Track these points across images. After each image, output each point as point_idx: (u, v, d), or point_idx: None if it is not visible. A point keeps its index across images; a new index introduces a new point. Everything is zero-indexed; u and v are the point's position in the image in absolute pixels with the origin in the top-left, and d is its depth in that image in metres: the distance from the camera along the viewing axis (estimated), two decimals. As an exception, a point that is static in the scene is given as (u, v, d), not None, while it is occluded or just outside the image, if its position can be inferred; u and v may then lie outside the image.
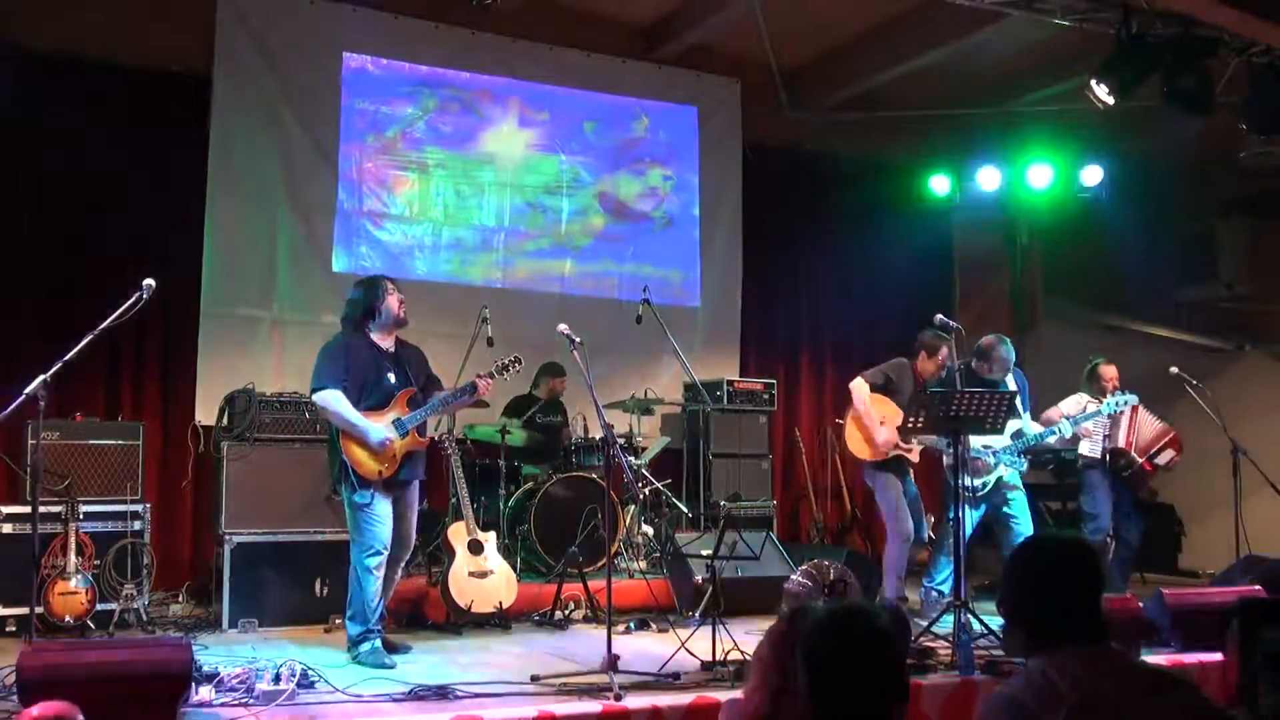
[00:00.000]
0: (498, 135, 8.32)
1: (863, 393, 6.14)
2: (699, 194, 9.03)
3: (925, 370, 6.22)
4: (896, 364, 6.29)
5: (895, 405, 6.10)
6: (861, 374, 6.25)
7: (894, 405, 6.11)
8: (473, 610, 5.65)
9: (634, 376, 7.92)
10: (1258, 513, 6.69)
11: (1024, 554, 2.36)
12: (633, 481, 6.20)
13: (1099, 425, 6.71)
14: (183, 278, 6.99)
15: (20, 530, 5.48)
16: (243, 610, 5.72)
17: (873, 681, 1.80)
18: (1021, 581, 2.28)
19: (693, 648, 4.69)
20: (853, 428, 6.21)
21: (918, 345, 6.27)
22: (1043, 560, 2.29)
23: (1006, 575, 2.35)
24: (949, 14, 7.28)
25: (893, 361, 6.31)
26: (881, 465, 6.13)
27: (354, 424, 4.88)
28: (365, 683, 4.26)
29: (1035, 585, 2.24)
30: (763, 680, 1.84)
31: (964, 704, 4.30)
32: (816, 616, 1.83)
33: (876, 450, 6.10)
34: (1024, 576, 2.29)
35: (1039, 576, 2.25)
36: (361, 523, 4.91)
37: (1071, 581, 2.22)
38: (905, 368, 6.26)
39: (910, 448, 6.14)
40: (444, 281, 7.94)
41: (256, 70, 7.44)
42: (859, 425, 6.16)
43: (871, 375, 6.22)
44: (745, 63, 8.82)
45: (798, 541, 8.55)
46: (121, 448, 5.97)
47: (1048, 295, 10.12)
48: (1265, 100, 6.53)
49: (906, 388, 6.17)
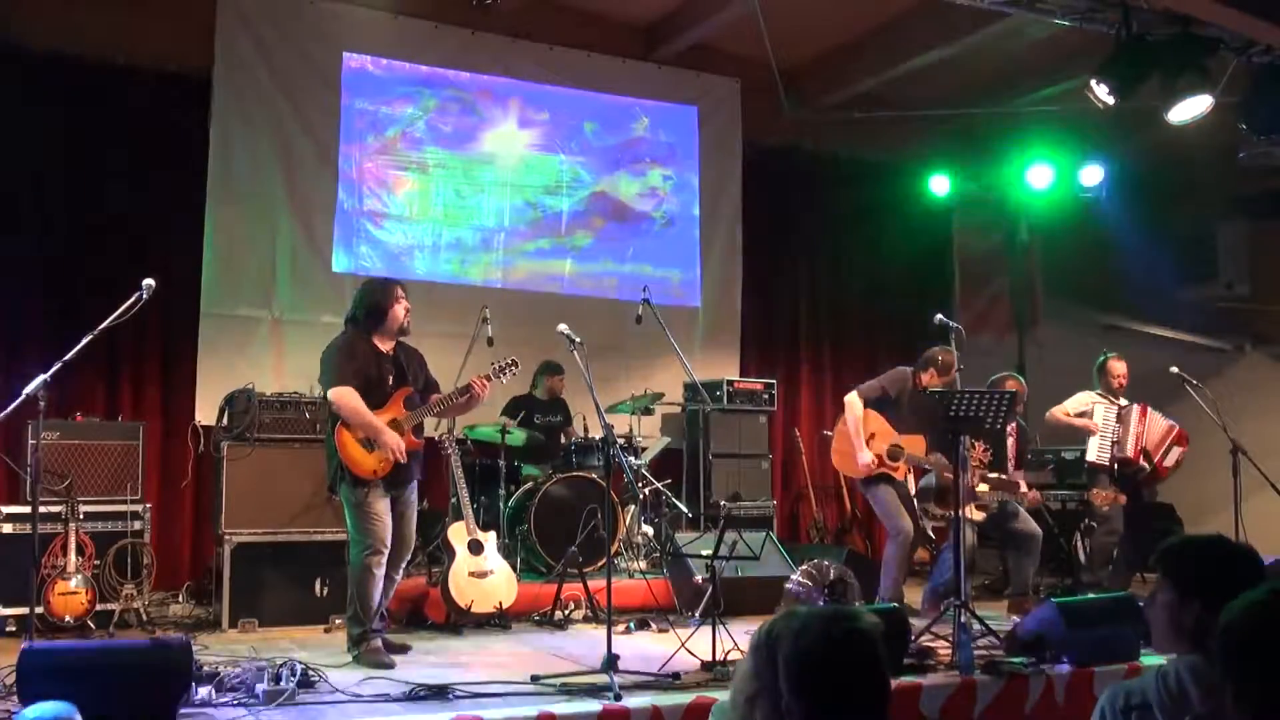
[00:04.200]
0: (498, 135, 8.32)
1: (856, 410, 6.00)
2: (699, 194, 9.03)
3: (931, 385, 6.06)
4: (896, 376, 6.15)
5: (888, 422, 6.01)
6: (858, 388, 6.12)
7: (886, 422, 6.01)
8: (473, 610, 5.66)
9: (634, 376, 7.92)
10: (1258, 513, 6.68)
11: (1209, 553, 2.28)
12: (633, 481, 6.20)
13: (1107, 424, 6.72)
14: (183, 278, 6.99)
15: (20, 530, 5.49)
16: (243, 610, 5.72)
17: (855, 685, 1.78)
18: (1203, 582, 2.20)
19: (693, 648, 4.69)
20: (839, 442, 6.12)
21: (926, 359, 6.13)
22: (1214, 563, 2.22)
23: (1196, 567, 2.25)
24: (949, 14, 7.28)
25: (892, 373, 6.18)
26: (873, 478, 6.06)
27: (368, 422, 4.87)
28: (365, 683, 4.26)
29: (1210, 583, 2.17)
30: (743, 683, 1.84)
31: (964, 704, 4.30)
32: (798, 621, 1.82)
33: (859, 469, 6.03)
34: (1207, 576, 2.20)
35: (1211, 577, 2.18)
36: (361, 522, 4.90)
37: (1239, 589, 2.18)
38: (905, 381, 6.12)
39: (896, 466, 6.03)
40: (444, 281, 7.94)
41: (256, 70, 7.44)
42: (848, 438, 6.05)
43: (867, 390, 6.08)
44: (745, 63, 8.81)
45: (798, 541, 8.55)
46: (121, 448, 5.98)
47: (1048, 295, 10.12)
48: (1265, 100, 6.53)
49: (904, 402, 6.07)
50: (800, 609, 1.89)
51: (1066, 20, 6.63)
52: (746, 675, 1.83)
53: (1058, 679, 4.49)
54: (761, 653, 1.83)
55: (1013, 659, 4.59)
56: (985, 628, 4.98)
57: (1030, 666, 4.50)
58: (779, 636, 1.81)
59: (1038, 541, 6.32)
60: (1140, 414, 6.83)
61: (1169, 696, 2.07)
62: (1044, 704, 4.43)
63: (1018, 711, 4.39)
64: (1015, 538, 6.36)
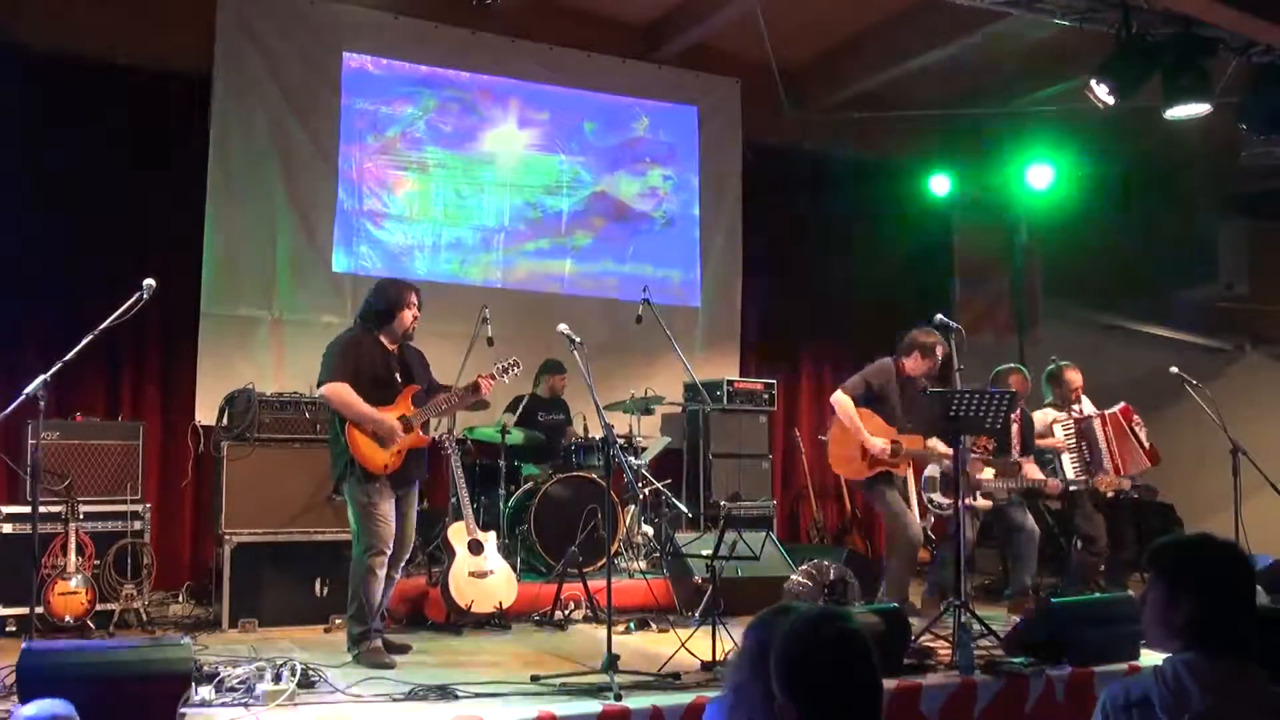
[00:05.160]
0: (498, 135, 8.32)
1: (848, 407, 5.88)
2: (699, 194, 9.03)
3: (916, 370, 6.01)
4: (879, 368, 6.05)
5: (881, 419, 5.93)
6: (841, 387, 6.02)
7: (881, 420, 5.92)
8: (473, 610, 5.66)
9: (634, 376, 7.91)
10: (1258, 513, 6.68)
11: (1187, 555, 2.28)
12: (633, 481, 6.20)
13: (1070, 440, 6.64)
14: (183, 278, 6.99)
15: (20, 530, 5.48)
16: (243, 610, 5.72)
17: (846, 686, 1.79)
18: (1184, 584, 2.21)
19: (693, 648, 4.69)
20: (837, 445, 6.01)
21: (909, 344, 6.04)
22: (1205, 562, 2.23)
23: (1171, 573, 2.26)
24: (949, 14, 7.28)
25: (874, 366, 6.07)
26: (872, 480, 5.94)
27: (363, 415, 4.90)
28: (365, 683, 4.26)
29: (1194, 588, 2.18)
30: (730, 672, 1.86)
31: (964, 704, 4.30)
32: (789, 621, 1.83)
33: (863, 466, 5.88)
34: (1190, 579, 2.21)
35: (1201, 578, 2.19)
36: (365, 522, 4.91)
37: (1230, 587, 2.18)
38: (889, 371, 6.03)
39: (896, 462, 5.91)
40: (444, 281, 7.94)
41: (256, 70, 7.44)
42: (844, 442, 5.95)
43: (852, 386, 5.97)
44: (745, 63, 8.81)
45: (798, 541, 8.55)
46: (121, 448, 5.98)
47: (1048, 295, 10.11)
48: (1265, 100, 6.52)
49: (892, 394, 5.98)
50: (797, 605, 1.89)
51: (1066, 20, 6.63)
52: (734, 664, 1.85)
53: (1058, 679, 4.49)
54: (750, 640, 1.86)
55: (1013, 659, 4.59)
56: (985, 628, 4.97)
57: (1030, 666, 4.50)
58: (770, 627, 1.82)
59: (1035, 540, 6.30)
60: (1101, 424, 6.67)
61: (1169, 693, 2.08)
62: (1044, 704, 4.43)
63: (1018, 711, 4.39)
64: (1014, 536, 6.34)
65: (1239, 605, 2.18)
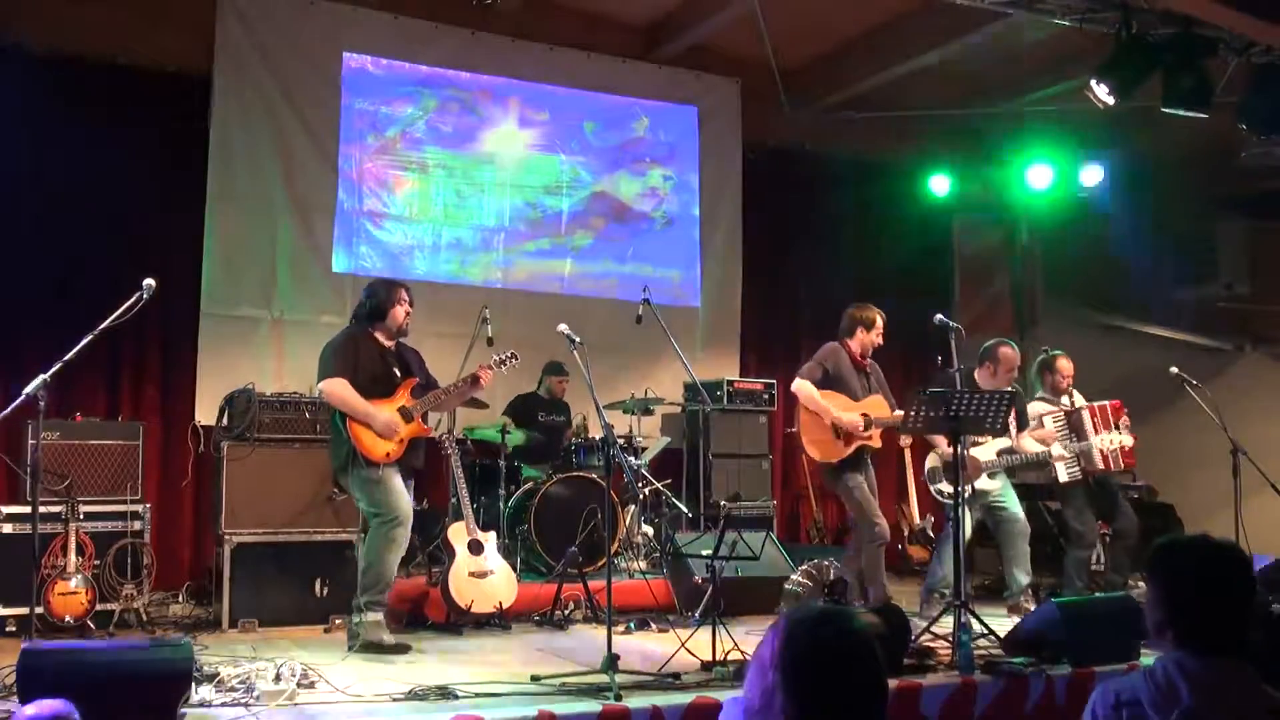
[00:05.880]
0: (498, 135, 8.32)
1: (810, 390, 5.87)
2: (699, 194, 9.03)
3: (864, 344, 6.05)
4: (829, 350, 6.07)
5: (846, 397, 5.90)
6: (799, 374, 6.00)
7: (844, 397, 5.90)
8: (473, 610, 5.65)
9: (634, 376, 7.91)
10: (1258, 513, 6.68)
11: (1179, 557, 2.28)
12: (633, 481, 6.20)
13: (1062, 431, 6.62)
14: (183, 278, 7.00)
15: (20, 530, 5.49)
16: (243, 610, 5.72)
17: (848, 687, 1.78)
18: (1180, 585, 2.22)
19: (693, 648, 4.69)
20: (808, 431, 5.94)
21: (848, 323, 6.10)
22: (1202, 563, 2.23)
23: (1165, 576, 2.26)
24: (949, 14, 7.28)
25: (823, 349, 6.10)
26: (841, 465, 5.86)
27: (359, 408, 5.04)
28: (365, 683, 4.26)
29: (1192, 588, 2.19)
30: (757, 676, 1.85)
31: (964, 704, 4.30)
32: (796, 618, 1.82)
33: (840, 446, 5.81)
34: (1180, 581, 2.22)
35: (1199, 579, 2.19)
36: (379, 496, 5.05)
37: (1225, 587, 2.18)
38: (838, 352, 6.05)
39: (870, 434, 5.87)
40: (444, 281, 7.94)
41: (256, 70, 7.44)
42: (814, 426, 5.90)
43: (809, 371, 5.97)
44: (745, 63, 8.82)
45: (798, 541, 8.56)
46: (121, 448, 5.98)
47: (1048, 295, 10.12)
48: (1265, 100, 6.52)
49: (846, 372, 5.98)
50: (811, 604, 1.88)
51: (1066, 20, 6.63)
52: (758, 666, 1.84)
53: (1058, 679, 4.49)
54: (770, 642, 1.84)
55: (1013, 659, 4.59)
56: (985, 628, 4.98)
57: (1030, 666, 4.50)
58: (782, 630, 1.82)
59: (1026, 533, 6.27)
60: (1090, 414, 6.60)
61: (1158, 692, 2.08)
62: (1044, 704, 4.43)
63: (1018, 711, 4.39)
64: (1004, 527, 6.29)
65: (1233, 605, 2.18)
